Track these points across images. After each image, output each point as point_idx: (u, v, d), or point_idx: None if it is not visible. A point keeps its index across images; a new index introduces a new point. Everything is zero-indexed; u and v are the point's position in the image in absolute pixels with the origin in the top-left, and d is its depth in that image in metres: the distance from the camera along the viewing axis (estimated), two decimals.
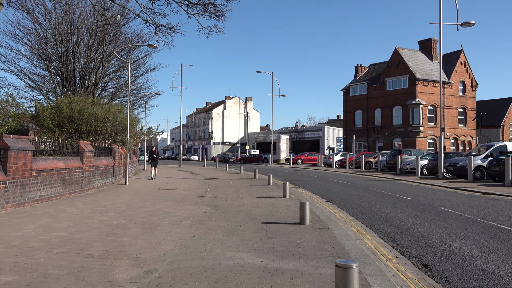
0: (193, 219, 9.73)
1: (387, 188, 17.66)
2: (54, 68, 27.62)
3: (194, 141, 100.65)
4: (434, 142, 47.27)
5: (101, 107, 23.40)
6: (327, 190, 17.20)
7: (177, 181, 22.29)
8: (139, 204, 12.39)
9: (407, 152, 29.55)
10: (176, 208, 11.50)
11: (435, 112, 47.35)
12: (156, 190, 16.72)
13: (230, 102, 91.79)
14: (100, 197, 14.00)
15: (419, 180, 21.89)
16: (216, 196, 14.70)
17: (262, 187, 18.13)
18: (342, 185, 19.52)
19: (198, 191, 16.56)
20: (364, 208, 11.89)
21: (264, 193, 15.62)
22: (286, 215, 10.13)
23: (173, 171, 33.33)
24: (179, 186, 19.04)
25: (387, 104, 49.21)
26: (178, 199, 13.67)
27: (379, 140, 50.59)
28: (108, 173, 18.32)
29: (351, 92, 54.83)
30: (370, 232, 8.49)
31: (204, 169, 35.86)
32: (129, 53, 29.81)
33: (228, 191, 16.67)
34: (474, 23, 21.69)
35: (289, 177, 25.40)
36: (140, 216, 10.06)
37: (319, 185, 19.95)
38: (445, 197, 14.45)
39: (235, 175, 26.70)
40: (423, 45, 50.54)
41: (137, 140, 27.27)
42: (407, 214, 10.65)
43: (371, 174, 27.00)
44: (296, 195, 14.91)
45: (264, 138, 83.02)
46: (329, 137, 68.59)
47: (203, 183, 20.70)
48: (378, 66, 55.07)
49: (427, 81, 46.61)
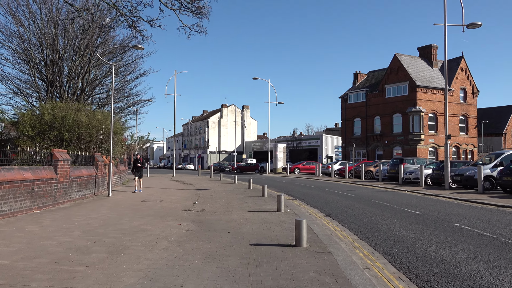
0: (172, 239, 8.35)
1: (392, 200, 16.29)
2: (39, 73, 26.29)
3: (190, 150, 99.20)
4: (435, 150, 46.00)
5: (86, 113, 22.06)
6: (326, 203, 15.81)
7: (166, 192, 20.87)
8: (115, 220, 10.98)
9: (409, 160, 28.20)
10: (155, 225, 10.11)
11: (436, 120, 46.16)
12: (140, 203, 15.31)
13: (227, 110, 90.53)
14: (74, 211, 12.58)
15: (424, 191, 20.52)
16: (204, 210, 13.31)
17: (255, 199, 16.73)
18: (342, 197, 18.14)
19: (186, 204, 15.16)
20: (368, 224, 10.52)
21: (257, 206, 14.23)
22: (280, 234, 8.76)
23: (165, 181, 31.90)
24: (166, 198, 17.63)
25: (387, 111, 48.01)
26: (161, 214, 12.27)
27: (379, 148, 49.29)
28: (89, 184, 16.89)
29: (350, 99, 53.65)
30: (379, 258, 7.10)
31: (197, 179, 34.44)
32: (120, 57, 28.53)
33: (218, 203, 15.28)
34: (481, 24, 20.56)
35: (285, 188, 24.01)
36: (110, 235, 8.66)
37: (317, 196, 18.56)
38: (457, 210, 13.08)
39: (229, 186, 25.30)
40: (423, 51, 49.50)
41: (125, 149, 25.85)
42: (419, 232, 9.27)
43: (372, 184, 25.64)
44: (292, 208, 13.53)
45: (261, 147, 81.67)
46: (327, 145, 67.28)
47: (193, 195, 19.29)
48: (377, 73, 53.98)
49: (428, 88, 45.47)
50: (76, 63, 26.66)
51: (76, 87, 26.95)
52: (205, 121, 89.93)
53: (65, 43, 26.31)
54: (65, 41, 26.29)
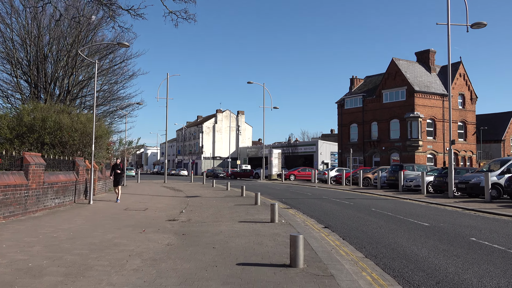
0: (146, 256, 7.14)
1: (394, 210, 15.12)
2: (23, 73, 25.03)
3: (184, 156, 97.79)
4: (433, 157, 45.00)
5: (68, 115, 20.80)
6: (324, 212, 14.62)
7: (153, 199, 19.61)
8: (88, 231, 9.74)
9: (409, 167, 27.07)
10: (132, 238, 8.89)
11: (434, 125, 45.21)
12: (122, 212, 14.06)
13: (222, 116, 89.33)
14: (45, 221, 11.31)
15: (427, 199, 19.39)
16: (191, 220, 12.10)
17: (248, 207, 15.52)
18: (340, 205, 16.96)
19: (172, 213, 13.94)
20: (373, 238, 9.34)
21: (249, 215, 13.02)
22: (273, 251, 7.57)
23: (155, 187, 30.62)
24: (152, 206, 16.38)
25: (384, 117, 47.03)
26: (141, 224, 11.04)
27: (376, 155, 48.25)
28: (68, 191, 15.61)
29: (346, 104, 52.66)
30: (392, 283, 5.91)
31: (189, 186, 33.17)
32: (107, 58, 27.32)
33: (207, 212, 14.06)
34: (486, 23, 19.61)
35: (280, 195, 22.82)
36: (75, 251, 7.43)
37: (314, 205, 17.37)
38: (468, 222, 11.92)
39: (221, 193, 24.07)
40: (421, 56, 48.69)
41: (111, 153, 24.57)
42: (433, 248, 8.10)
43: (370, 192, 24.49)
44: (287, 218, 12.33)
45: (256, 153, 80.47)
46: (323, 151, 66.21)
47: (181, 202, 18.06)
48: (374, 78, 53.10)
49: (426, 93, 44.57)
50: (62, 64, 25.44)
51: (62, 88, 25.71)
52: (199, 127, 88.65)
53: (51, 42, 25.09)
54: (51, 40, 25.07)
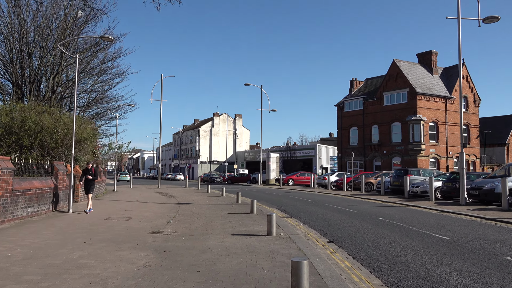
0: (112, 284, 5.68)
1: (405, 219, 13.68)
2: (5, 72, 23.59)
3: (181, 160, 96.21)
4: (436, 161, 43.61)
5: (51, 116, 19.35)
6: (327, 222, 13.17)
7: (141, 206, 18.13)
8: (52, 248, 8.27)
9: (414, 172, 25.61)
10: (102, 258, 7.43)
11: (437, 129, 43.87)
12: (101, 222, 12.58)
13: (219, 119, 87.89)
14: (8, 235, 9.84)
15: (437, 206, 17.95)
16: (177, 232, 10.65)
17: (243, 216, 14.06)
18: (344, 214, 15.52)
19: (158, 223, 12.48)
20: (388, 257, 7.89)
21: (243, 226, 11.57)
22: (270, 276, 6.12)
23: (146, 193, 29.12)
24: (138, 214, 14.90)
25: (385, 120, 45.67)
26: (119, 238, 9.58)
27: (377, 159, 46.85)
28: (44, 198, 14.12)
29: (346, 107, 51.31)
30: None
31: (183, 191, 31.68)
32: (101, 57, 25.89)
33: (197, 222, 12.61)
34: (499, 17, 18.31)
35: (278, 202, 21.36)
36: (25, 278, 5.97)
37: (315, 213, 15.92)
38: (493, 235, 10.46)
39: (215, 199, 22.60)
40: (422, 58, 47.43)
41: (99, 158, 23.01)
42: (465, 273, 6.64)
43: (374, 198, 23.05)
44: (286, 230, 10.88)
45: (253, 157, 79.01)
46: (322, 156, 64.80)
47: (171, 210, 16.59)
48: (374, 80, 51.81)
49: (428, 96, 43.25)
50: (46, 62, 24.01)
51: (47, 88, 24.26)
52: (196, 130, 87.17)
53: (35, 39, 23.67)
54: (35, 37, 23.65)
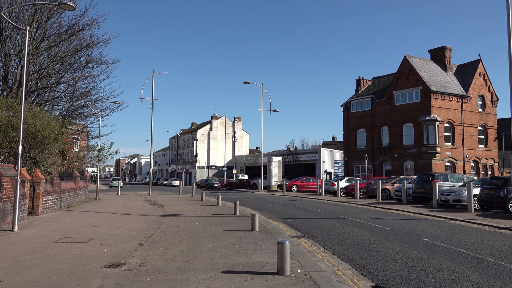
0: None
1: (460, 242, 10.16)
2: None
3: (178, 165, 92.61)
4: (452, 165, 40.09)
5: (6, 108, 15.90)
6: (357, 246, 9.67)
7: (116, 220, 14.62)
8: None
9: (440, 177, 22.03)
10: None
11: (453, 130, 40.39)
12: (46, 246, 9.09)
13: (217, 122, 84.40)
14: None
15: (484, 220, 14.44)
16: (144, 266, 7.20)
17: (241, 236, 10.56)
18: (373, 232, 12.02)
19: (124, 247, 9.01)
20: None
21: (241, 255, 8.09)
22: None
23: (133, 201, 25.63)
24: (104, 232, 11.41)
25: (396, 121, 42.19)
26: (46, 282, 6.09)
27: (387, 163, 43.34)
28: None
29: (353, 108, 47.85)
30: None
31: (175, 199, 28.16)
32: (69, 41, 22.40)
33: (178, 247, 9.13)
34: None
35: (284, 213, 17.87)
36: None
37: (335, 230, 12.43)
38: None
39: (209, 209, 19.10)
40: (435, 54, 44.02)
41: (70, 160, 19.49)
42: None
43: (397, 208, 19.56)
44: (303, 262, 7.40)
45: (253, 162, 75.49)
46: (325, 160, 61.29)
47: (151, 225, 13.10)
48: (382, 79, 48.43)
49: (443, 94, 39.82)
50: (16, 48, 20.62)
51: (14, 80, 20.83)
52: (193, 134, 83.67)
53: None
54: None
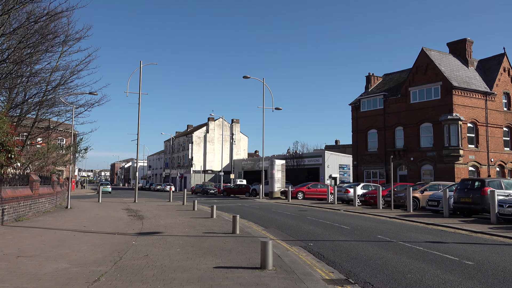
0: None
1: None
2: None
3: (172, 169, 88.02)
4: (476, 170, 35.83)
5: None
6: None
7: (66, 243, 10.19)
8: None
9: (493, 183, 17.66)
10: None
11: (476, 131, 36.18)
12: None
13: (214, 125, 79.98)
14: None
15: None
16: None
17: (246, 282, 6.15)
18: (454, 271, 7.69)
19: None
20: None
21: None
22: None
23: (109, 211, 21.22)
24: (27, 270, 6.99)
25: (412, 120, 37.92)
26: None
27: (401, 167, 39.01)
28: None
29: (363, 106, 43.58)
30: None
31: (162, 208, 23.72)
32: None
33: None
34: None
35: (299, 231, 13.49)
36: None
37: (391, 266, 8.06)
38: None
39: (200, 223, 14.69)
40: (454, 47, 39.90)
41: (16, 156, 15.06)
42: None
43: (443, 224, 15.20)
44: None
45: (252, 166, 71.05)
46: (330, 164, 56.96)
47: (111, 253, 8.71)
48: (395, 75, 44.28)
49: (466, 91, 35.65)
50: None
51: None
52: (189, 137, 79.19)
53: None
54: None
